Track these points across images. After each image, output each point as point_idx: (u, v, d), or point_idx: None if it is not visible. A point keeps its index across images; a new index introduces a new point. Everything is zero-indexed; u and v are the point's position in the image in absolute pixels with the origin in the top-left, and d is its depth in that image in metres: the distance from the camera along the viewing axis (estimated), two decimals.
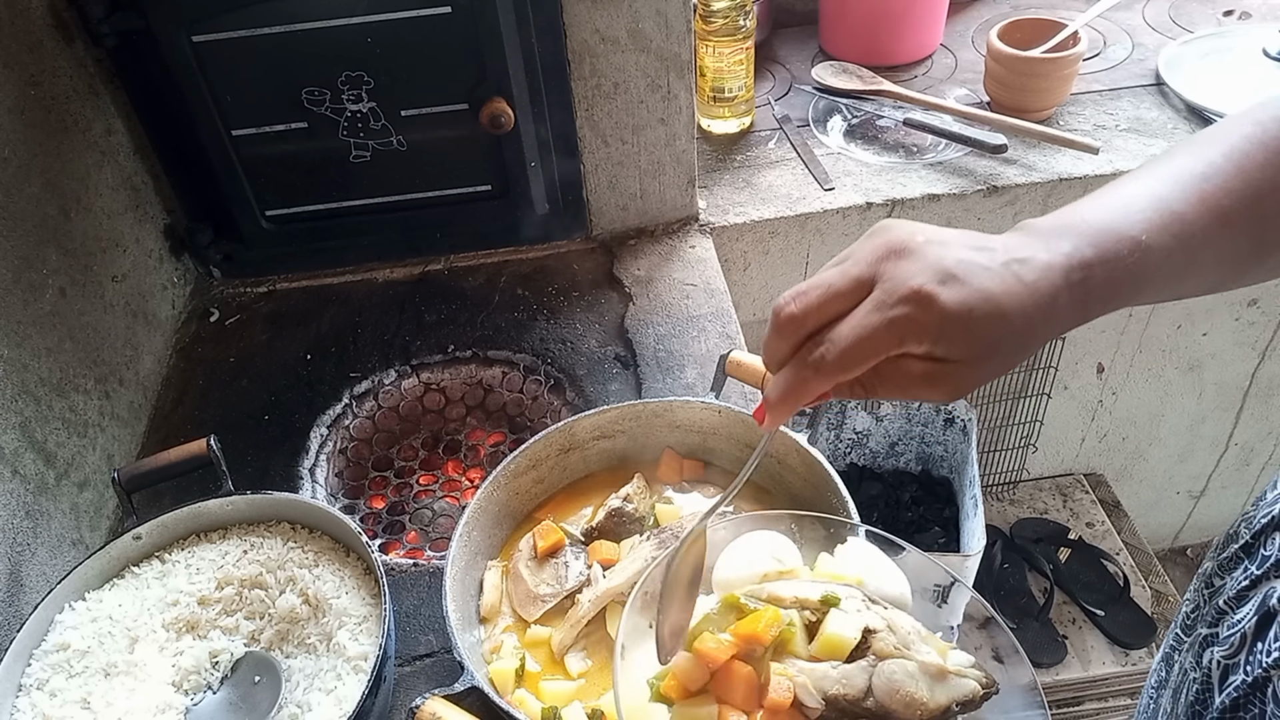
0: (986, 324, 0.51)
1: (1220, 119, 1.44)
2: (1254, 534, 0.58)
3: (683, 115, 1.32)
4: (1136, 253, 0.53)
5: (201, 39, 1.17)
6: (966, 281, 0.51)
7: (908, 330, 0.51)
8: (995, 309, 0.51)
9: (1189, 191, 0.56)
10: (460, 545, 0.89)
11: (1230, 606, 0.57)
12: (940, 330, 0.51)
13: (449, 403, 1.28)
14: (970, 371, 0.53)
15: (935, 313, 0.51)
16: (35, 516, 0.99)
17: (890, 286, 0.52)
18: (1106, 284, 0.53)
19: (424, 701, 0.76)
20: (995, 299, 0.51)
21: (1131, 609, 1.79)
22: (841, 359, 0.53)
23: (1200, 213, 0.55)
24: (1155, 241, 0.54)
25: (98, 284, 1.18)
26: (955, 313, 0.51)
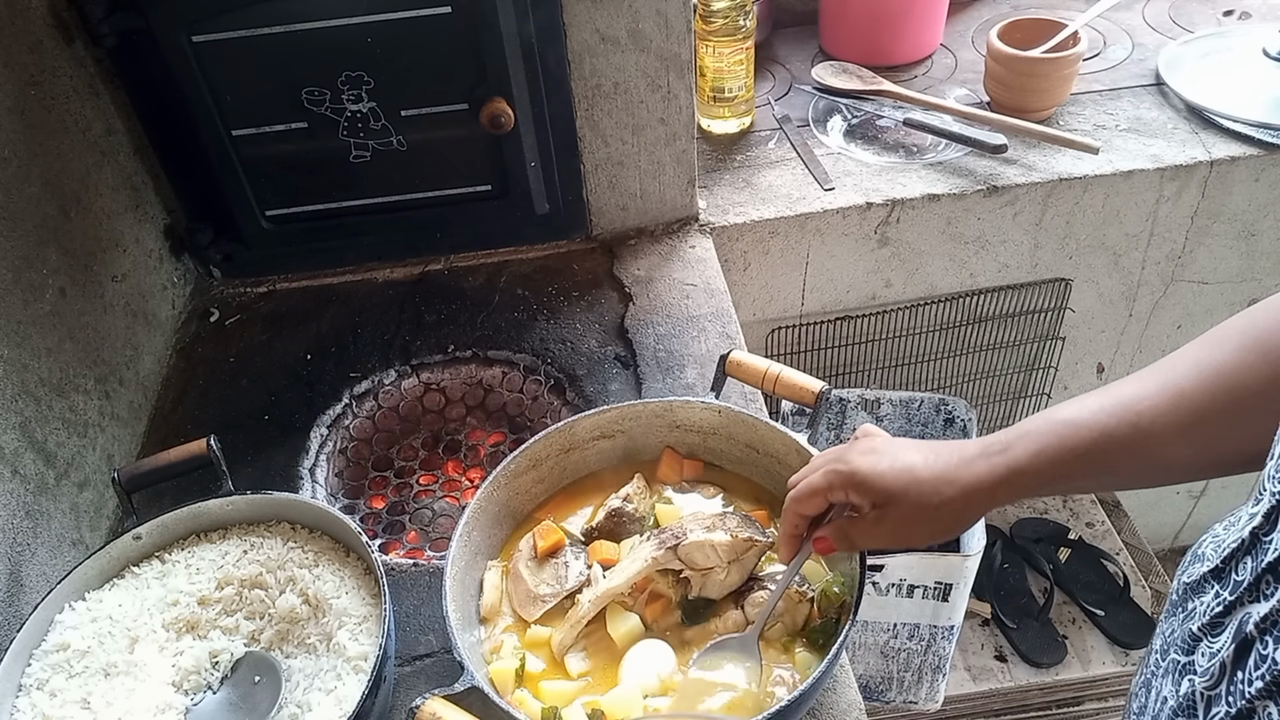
0: (892, 476, 0.70)
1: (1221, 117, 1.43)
2: (1223, 558, 0.57)
3: (683, 115, 1.32)
4: (1068, 428, 0.65)
5: (201, 39, 1.17)
6: (884, 453, 0.72)
7: (834, 481, 0.74)
8: (905, 467, 0.70)
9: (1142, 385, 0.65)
10: (460, 545, 0.89)
11: (1204, 633, 0.57)
12: (852, 480, 0.72)
13: (449, 403, 1.28)
14: (899, 514, 0.71)
15: (848, 470, 0.73)
16: (35, 516, 0.99)
17: (833, 457, 0.76)
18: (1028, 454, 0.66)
19: (424, 701, 0.76)
20: (904, 462, 0.71)
21: (1131, 609, 1.79)
22: (794, 497, 0.78)
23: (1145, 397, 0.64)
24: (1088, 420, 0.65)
25: (98, 284, 1.18)
26: (864, 469, 0.72)
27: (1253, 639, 0.51)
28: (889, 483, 0.70)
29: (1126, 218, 1.53)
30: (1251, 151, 1.47)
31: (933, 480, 0.69)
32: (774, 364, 1.00)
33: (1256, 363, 0.61)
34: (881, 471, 0.71)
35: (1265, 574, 0.52)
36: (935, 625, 1.45)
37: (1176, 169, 1.46)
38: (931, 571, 1.37)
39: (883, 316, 1.62)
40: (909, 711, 1.64)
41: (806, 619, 0.86)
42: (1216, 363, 0.63)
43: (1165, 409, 0.63)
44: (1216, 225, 1.56)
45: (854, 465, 0.72)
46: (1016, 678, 1.73)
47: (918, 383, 1.75)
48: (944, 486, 0.68)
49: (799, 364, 1.64)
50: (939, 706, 1.62)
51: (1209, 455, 0.64)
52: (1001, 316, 1.66)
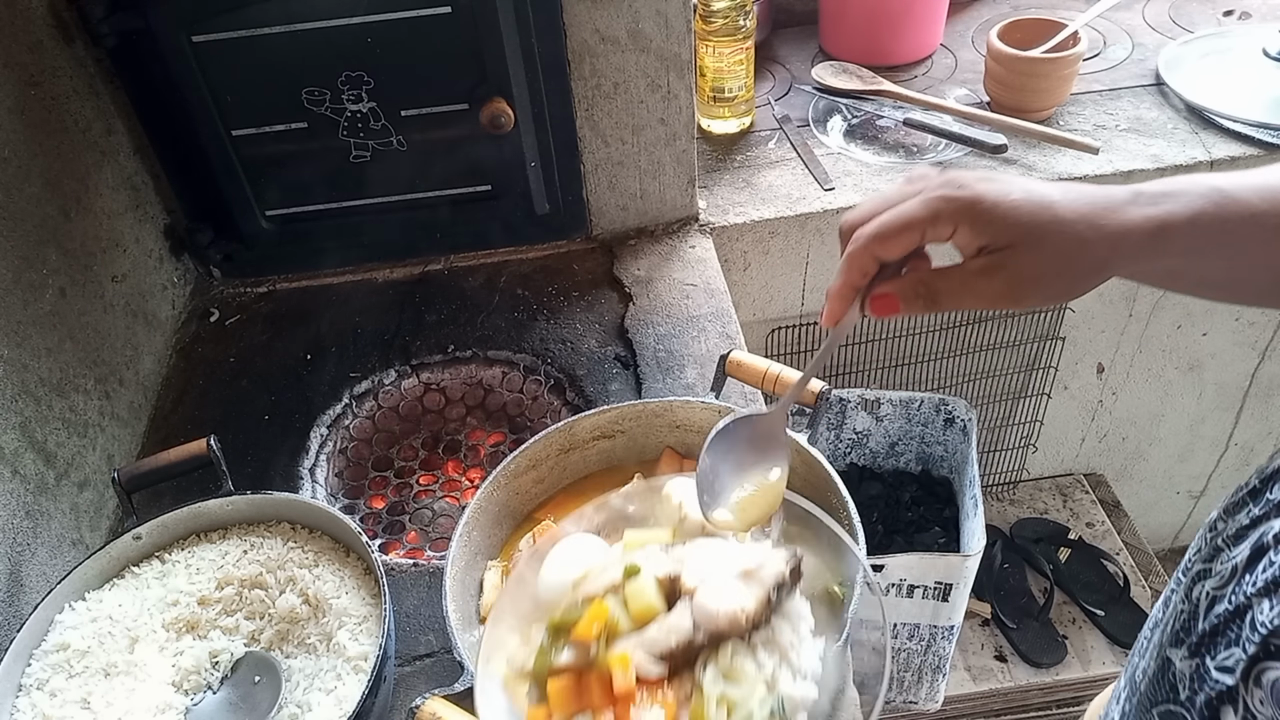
0: (1028, 208, 0.54)
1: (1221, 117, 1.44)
2: (1262, 480, 0.57)
3: (683, 115, 1.32)
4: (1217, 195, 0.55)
5: (201, 39, 1.17)
6: (1009, 182, 0.55)
7: (944, 211, 0.55)
8: (1041, 198, 0.54)
9: None
10: (460, 545, 0.89)
11: (1227, 544, 0.57)
12: (974, 210, 0.55)
13: (449, 403, 1.28)
14: (1026, 258, 0.55)
15: (969, 196, 0.55)
16: (35, 516, 0.99)
17: (935, 183, 0.57)
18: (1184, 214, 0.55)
19: (424, 701, 0.76)
20: (1042, 193, 0.55)
21: (1131, 609, 1.79)
22: (878, 231, 0.57)
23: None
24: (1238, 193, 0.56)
25: (98, 284, 1.18)
26: (990, 195, 0.54)
27: (1268, 547, 0.51)
28: (1024, 217, 0.55)
29: None
30: (1251, 151, 1.47)
31: (1077, 223, 0.55)
32: (774, 364, 1.00)
33: None
34: (1015, 202, 0.55)
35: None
36: (935, 625, 1.45)
37: (1176, 169, 1.46)
38: (931, 571, 1.37)
39: None
40: (909, 711, 1.64)
41: None
42: None
43: None
44: None
45: (976, 191, 0.55)
46: (1016, 678, 1.73)
47: (918, 383, 1.75)
48: (1089, 232, 0.55)
49: (799, 364, 1.64)
50: (939, 706, 1.62)
51: None
52: (1001, 316, 1.67)
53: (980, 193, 0.55)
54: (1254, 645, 0.49)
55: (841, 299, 0.61)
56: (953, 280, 0.58)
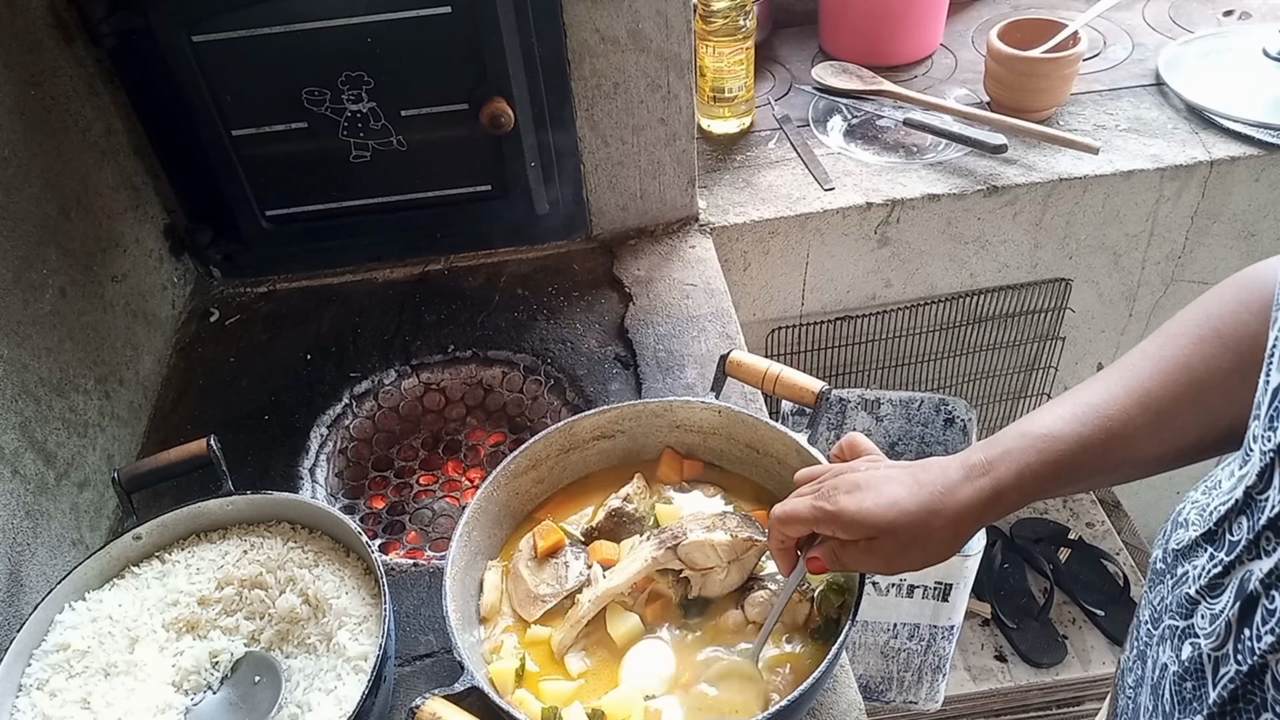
0: (877, 514, 0.70)
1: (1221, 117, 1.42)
2: (1215, 521, 0.58)
3: (683, 115, 1.32)
4: (1045, 442, 0.66)
5: (201, 39, 1.17)
6: (870, 489, 0.71)
7: (818, 517, 0.73)
8: (890, 503, 0.70)
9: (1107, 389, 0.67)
10: (460, 545, 0.89)
11: (1203, 595, 0.57)
12: (837, 520, 0.72)
13: (449, 403, 1.28)
14: (887, 545, 0.71)
15: (833, 509, 0.72)
16: (35, 516, 0.99)
17: (826, 487, 0.75)
18: (1012, 472, 0.67)
19: (424, 701, 0.76)
20: (889, 497, 0.70)
21: (1131, 609, 1.79)
22: (776, 516, 0.77)
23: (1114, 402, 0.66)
24: (1060, 431, 0.66)
25: (98, 284, 1.18)
26: (848, 510, 0.71)
27: (1258, 595, 0.52)
28: (875, 520, 0.70)
29: (1126, 218, 1.53)
30: (1251, 151, 1.47)
31: (919, 512, 0.69)
32: (774, 364, 1.00)
33: (1215, 352, 0.63)
34: (867, 510, 0.70)
35: (1265, 531, 0.52)
36: (935, 625, 1.45)
37: (1176, 169, 1.46)
38: (931, 571, 1.37)
39: (883, 316, 1.62)
40: (909, 711, 1.64)
41: (807, 618, 0.86)
42: (1178, 358, 0.64)
43: (1135, 411, 0.65)
44: (1216, 225, 1.56)
45: (839, 506, 0.72)
46: (1016, 678, 1.73)
47: (918, 383, 1.75)
48: (931, 517, 0.69)
49: (799, 364, 1.64)
50: (939, 706, 1.62)
51: (1179, 446, 0.66)
52: (1001, 316, 1.66)
53: (841, 507, 0.71)
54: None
55: (779, 556, 0.80)
56: (852, 555, 0.74)
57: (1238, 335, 0.63)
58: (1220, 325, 0.63)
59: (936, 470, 0.71)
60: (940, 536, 0.69)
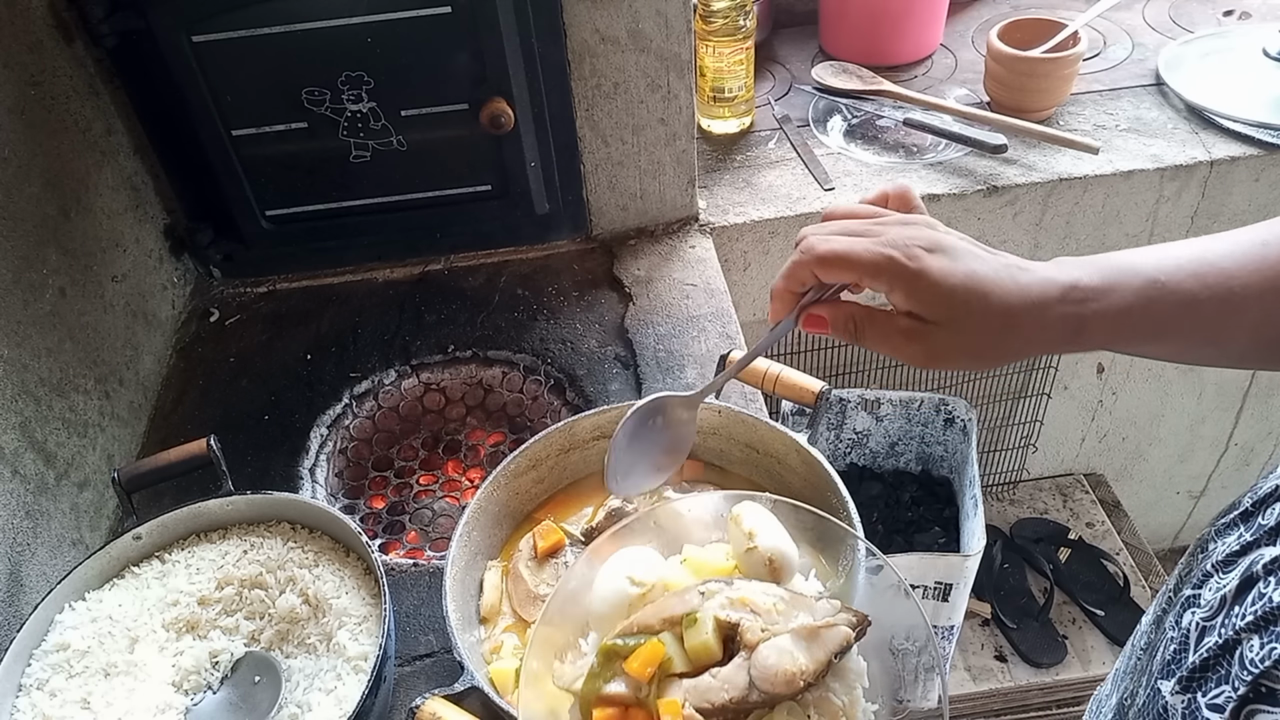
0: (963, 294, 0.57)
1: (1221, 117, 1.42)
2: (1255, 502, 0.57)
3: (683, 115, 1.32)
4: (1151, 290, 0.57)
5: (201, 39, 1.17)
6: (958, 259, 0.58)
7: (885, 269, 0.58)
8: (978, 286, 0.57)
9: (1237, 251, 0.58)
10: (460, 545, 0.89)
11: (1217, 570, 0.57)
12: (914, 283, 0.57)
13: (449, 403, 1.28)
14: (946, 337, 0.58)
15: (914, 268, 0.57)
16: (35, 516, 0.99)
17: (893, 235, 0.59)
18: (1110, 312, 0.58)
19: (424, 701, 0.76)
20: (981, 280, 0.57)
21: (1131, 609, 1.79)
22: (821, 254, 0.60)
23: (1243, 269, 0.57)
24: (1175, 283, 0.57)
25: (98, 284, 1.18)
26: (933, 274, 0.57)
27: (1257, 577, 0.51)
28: (956, 303, 0.57)
29: (1126, 218, 1.53)
30: (1251, 151, 1.47)
31: (1003, 313, 0.57)
32: (774, 364, 1.00)
33: None
34: (954, 285, 0.57)
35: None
36: (935, 625, 1.45)
37: (1176, 169, 1.46)
38: (931, 571, 1.37)
39: None
40: (909, 712, 1.64)
41: None
42: None
43: (1255, 290, 0.57)
44: (1216, 225, 1.56)
45: (922, 265, 0.57)
46: (1016, 678, 1.73)
47: (918, 383, 1.75)
48: (1013, 323, 0.58)
49: (799, 364, 1.64)
50: (938, 706, 1.61)
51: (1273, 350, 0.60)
52: None
53: (925, 267, 0.57)
54: (1244, 685, 0.49)
55: (781, 301, 0.64)
56: (878, 327, 0.60)
57: None
58: None
59: (1035, 275, 0.58)
60: (1010, 347, 0.59)
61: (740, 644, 0.64)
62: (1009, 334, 0.58)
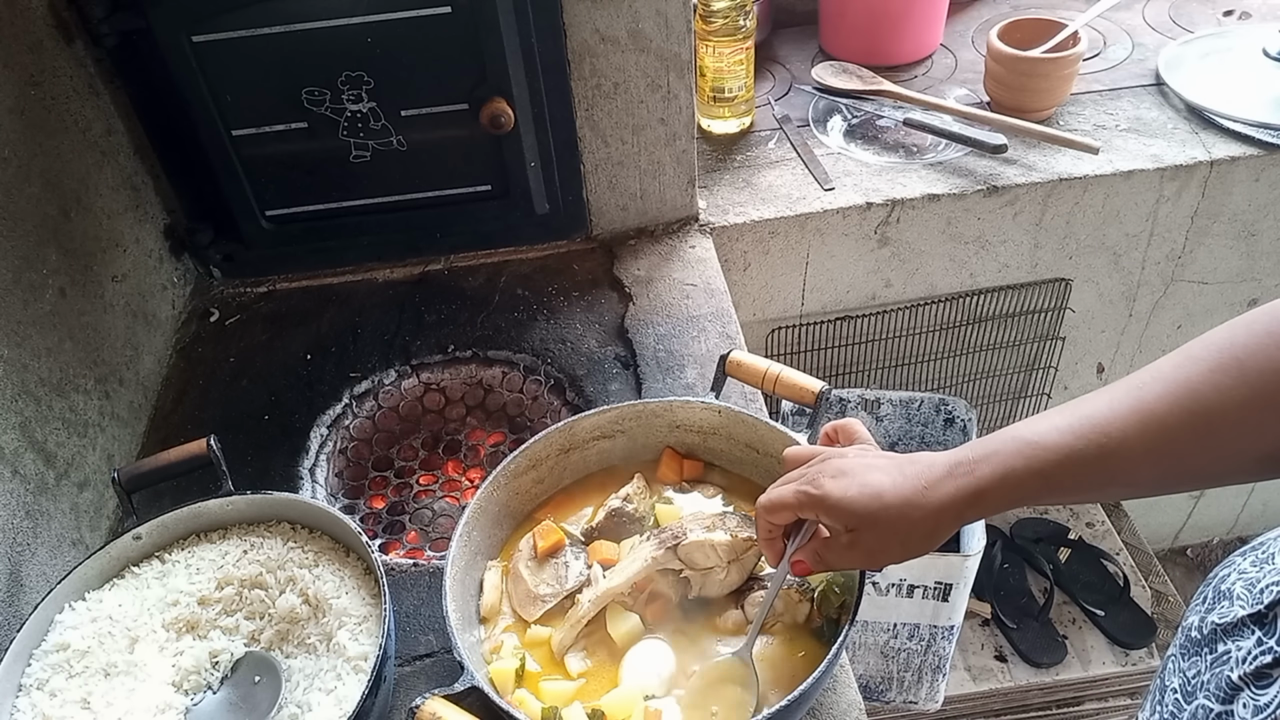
0: (863, 502, 0.70)
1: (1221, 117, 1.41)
2: (1267, 604, 0.56)
3: (683, 115, 1.32)
4: (1033, 449, 0.66)
5: (201, 39, 1.17)
6: (854, 476, 0.72)
7: (804, 503, 0.73)
8: (872, 491, 0.70)
9: (1113, 402, 0.65)
10: (460, 545, 0.89)
11: (1247, 683, 0.55)
12: (823, 505, 0.72)
13: (449, 403, 1.28)
14: (870, 538, 0.71)
15: (819, 494, 0.72)
16: (35, 516, 0.99)
17: (810, 474, 0.75)
18: (995, 475, 0.67)
19: (424, 701, 0.76)
20: (873, 486, 0.70)
21: (1131, 609, 1.79)
22: (763, 506, 0.77)
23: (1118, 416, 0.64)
24: (1050, 441, 0.65)
25: (98, 284, 1.18)
26: (834, 495, 0.71)
27: None
28: (858, 509, 0.70)
29: (1126, 218, 1.53)
30: (1251, 151, 1.47)
31: (900, 505, 0.69)
32: (774, 364, 1.00)
33: (1232, 385, 0.60)
34: (851, 498, 0.71)
35: None
36: (935, 625, 1.45)
37: (1176, 169, 1.46)
38: (931, 571, 1.37)
39: (883, 316, 1.62)
40: (909, 711, 1.64)
41: (807, 618, 0.86)
42: (1191, 384, 0.61)
43: (1134, 431, 0.63)
44: (1216, 225, 1.56)
45: (824, 490, 0.72)
46: (1016, 678, 1.73)
47: (918, 383, 1.75)
48: (911, 510, 0.69)
49: (799, 364, 1.64)
50: (939, 706, 1.62)
51: (1177, 473, 0.64)
52: (1001, 316, 1.67)
53: (826, 492, 0.72)
54: None
55: (766, 546, 0.80)
56: (833, 551, 0.75)
57: (1260, 369, 0.59)
58: (1243, 356, 0.60)
59: (923, 465, 0.71)
60: (920, 530, 0.70)
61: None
62: (916, 519, 0.69)
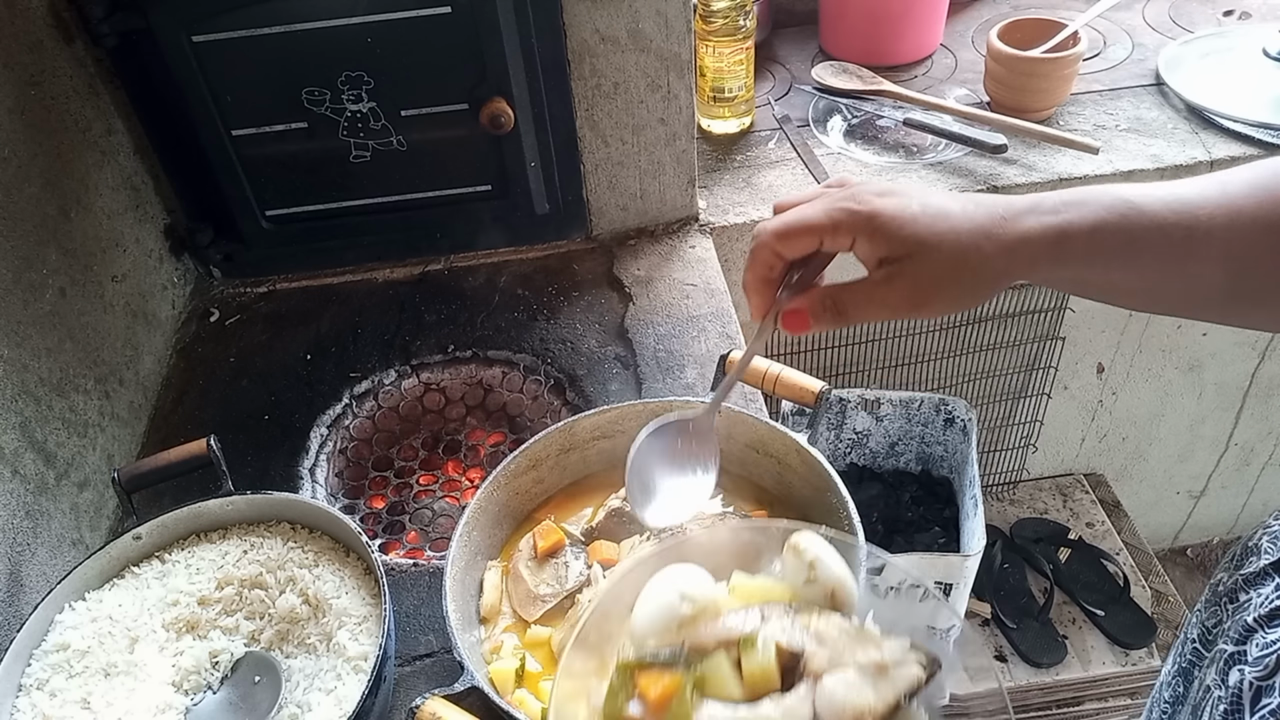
0: (925, 220, 0.56)
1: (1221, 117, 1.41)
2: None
3: (683, 115, 1.32)
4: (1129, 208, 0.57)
5: (201, 39, 1.17)
6: (909, 196, 0.58)
7: (842, 221, 0.58)
8: (938, 209, 0.57)
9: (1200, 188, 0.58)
10: (460, 545, 0.89)
11: (1260, 624, 0.56)
12: (872, 223, 0.57)
13: (449, 403, 1.28)
14: (922, 269, 0.57)
15: (868, 210, 0.57)
16: (35, 516, 0.99)
17: (839, 194, 0.59)
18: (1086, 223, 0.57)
19: (424, 701, 0.76)
20: (939, 204, 0.57)
21: (1131, 609, 1.79)
22: (776, 228, 0.60)
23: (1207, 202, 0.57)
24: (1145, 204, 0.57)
25: (98, 284, 1.18)
26: (888, 210, 0.57)
27: None
28: (920, 229, 0.56)
29: None
30: (1251, 151, 1.47)
31: (972, 232, 0.57)
32: (774, 364, 1.00)
33: None
34: (912, 215, 0.57)
35: None
36: (934, 626, 1.45)
37: (1176, 169, 1.46)
38: (931, 571, 1.37)
39: None
40: None
41: None
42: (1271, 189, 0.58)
43: (1220, 220, 0.57)
44: None
45: (874, 207, 0.57)
46: (1016, 678, 1.73)
47: (918, 383, 1.75)
48: (985, 241, 0.57)
49: (799, 364, 1.63)
50: None
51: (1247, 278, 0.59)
52: (1001, 316, 1.66)
53: (877, 208, 0.57)
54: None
55: (756, 294, 0.63)
56: (858, 292, 0.60)
57: None
58: None
59: (994, 198, 0.59)
60: (988, 268, 0.57)
61: (802, 673, 0.58)
62: (985, 254, 0.57)
